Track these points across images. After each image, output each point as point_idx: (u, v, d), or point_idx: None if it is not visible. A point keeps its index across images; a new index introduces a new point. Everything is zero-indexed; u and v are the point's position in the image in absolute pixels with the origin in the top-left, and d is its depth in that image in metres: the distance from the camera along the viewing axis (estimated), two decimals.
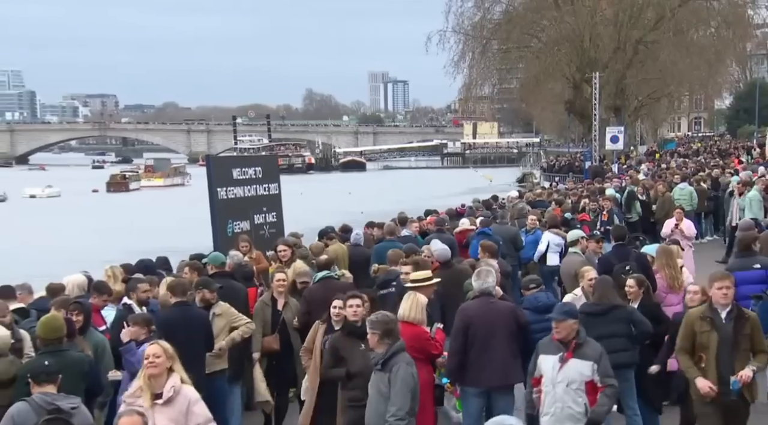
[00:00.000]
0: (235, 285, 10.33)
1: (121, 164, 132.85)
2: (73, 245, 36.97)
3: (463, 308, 8.06)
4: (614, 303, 8.16)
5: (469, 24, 49.74)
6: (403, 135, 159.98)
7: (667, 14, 47.99)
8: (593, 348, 6.98)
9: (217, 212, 13.10)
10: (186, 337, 8.35)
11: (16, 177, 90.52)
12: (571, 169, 48.26)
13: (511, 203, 19.38)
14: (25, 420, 5.86)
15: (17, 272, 18.42)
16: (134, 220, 49.43)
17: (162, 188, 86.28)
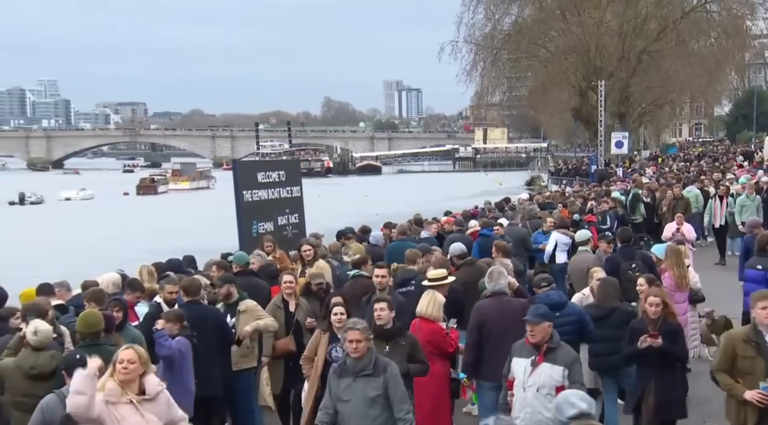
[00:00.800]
0: (259, 283, 10.34)
1: (150, 168, 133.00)
2: (106, 245, 37.10)
3: (478, 307, 8.04)
4: (614, 306, 8.13)
5: (480, 35, 49.84)
6: (417, 140, 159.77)
7: (669, 25, 47.94)
8: (566, 352, 6.61)
9: (242, 213, 13.11)
10: (201, 336, 8.35)
11: (52, 181, 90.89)
12: (577, 172, 48.25)
13: (522, 205, 19.32)
14: (53, 412, 5.86)
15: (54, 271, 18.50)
16: (162, 221, 49.61)
17: (188, 191, 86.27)
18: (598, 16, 47.21)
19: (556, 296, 8.13)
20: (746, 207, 18.35)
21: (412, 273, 10.14)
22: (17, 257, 32.86)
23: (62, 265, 25.46)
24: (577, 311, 8.14)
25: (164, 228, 44.42)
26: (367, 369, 6.39)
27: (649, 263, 10.07)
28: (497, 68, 50.78)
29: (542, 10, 50.39)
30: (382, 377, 6.40)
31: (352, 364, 6.43)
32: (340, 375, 6.51)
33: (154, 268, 11.07)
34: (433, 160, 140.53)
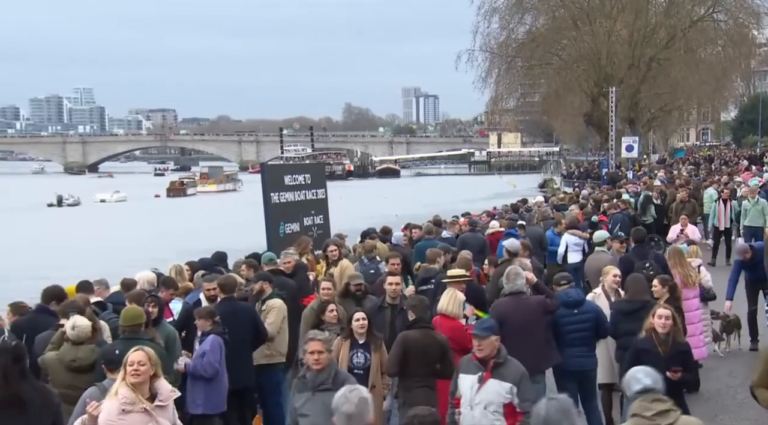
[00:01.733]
0: (287, 281, 10.36)
1: (180, 171, 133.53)
2: (140, 245, 37.30)
3: (496, 305, 8.03)
4: (645, 300, 8.09)
5: (495, 43, 49.67)
6: (434, 145, 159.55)
7: (678, 34, 47.74)
8: (514, 369, 6.13)
9: (270, 214, 13.11)
10: (236, 330, 8.38)
11: (87, 184, 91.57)
12: (589, 175, 48.06)
13: (539, 207, 19.27)
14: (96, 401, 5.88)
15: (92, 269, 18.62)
16: (192, 222, 49.78)
17: (215, 193, 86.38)
18: (608, 25, 47.00)
19: (575, 294, 8.10)
20: (749, 211, 18.16)
21: (432, 272, 10.15)
22: (57, 257, 33.13)
23: (99, 264, 25.64)
24: (595, 309, 8.12)
25: (194, 229, 44.61)
26: (327, 383, 5.92)
27: (662, 263, 10.00)
28: (511, 75, 50.76)
29: (555, 19, 50.16)
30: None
31: (311, 378, 6.00)
32: (300, 389, 6.10)
33: (189, 267, 11.16)
34: (449, 163, 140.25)
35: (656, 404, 4.66)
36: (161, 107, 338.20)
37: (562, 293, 8.08)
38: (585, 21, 47.81)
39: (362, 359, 7.35)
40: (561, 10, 49.70)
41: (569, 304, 7.92)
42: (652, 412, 4.61)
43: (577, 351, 7.89)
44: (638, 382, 4.74)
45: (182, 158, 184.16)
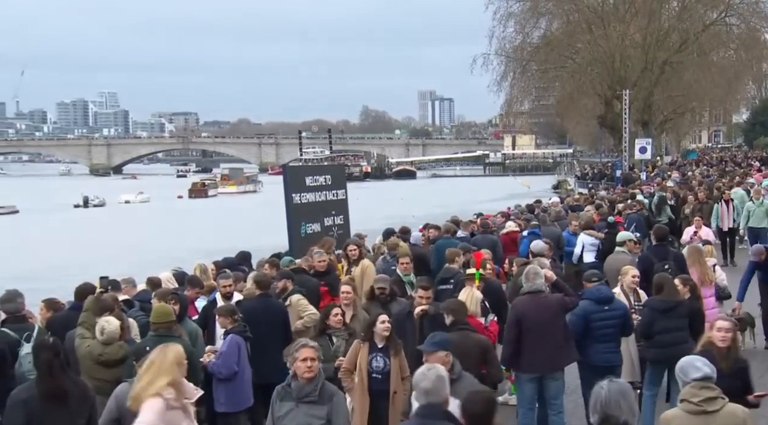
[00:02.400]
0: (308, 280, 10.37)
1: (201, 173, 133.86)
2: (163, 244, 37.44)
3: (516, 303, 7.99)
4: (679, 299, 8.12)
5: (510, 47, 49.60)
6: (449, 147, 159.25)
7: (691, 38, 47.60)
8: (469, 384, 5.66)
9: (291, 214, 13.08)
10: (267, 326, 8.45)
11: (112, 185, 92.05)
12: (603, 177, 47.84)
13: (555, 208, 19.18)
14: (125, 399, 5.86)
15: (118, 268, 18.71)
16: (213, 222, 49.92)
17: (236, 194, 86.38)
18: (622, 29, 46.74)
19: (606, 291, 8.06)
20: (753, 212, 17.93)
21: (452, 271, 10.11)
22: (83, 256, 33.28)
23: (124, 263, 25.77)
24: (623, 307, 8.09)
25: (215, 229, 44.69)
26: (312, 395, 5.56)
27: (681, 262, 9.91)
28: (526, 79, 50.60)
29: (569, 23, 50.08)
30: (326, 405, 5.57)
31: (297, 388, 5.59)
32: (283, 397, 5.67)
33: (214, 266, 11.20)
34: (464, 165, 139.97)
35: (705, 391, 4.78)
36: (183, 110, 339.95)
37: (594, 290, 8.04)
38: (599, 25, 47.68)
39: (381, 363, 7.13)
40: (575, 14, 49.63)
41: (601, 300, 7.88)
42: (699, 398, 4.75)
43: (605, 347, 7.85)
44: (698, 370, 4.84)
45: (203, 160, 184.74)
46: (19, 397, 5.66)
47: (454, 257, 10.45)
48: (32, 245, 38.89)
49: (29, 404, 5.59)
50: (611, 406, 4.29)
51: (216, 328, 8.46)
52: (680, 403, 4.87)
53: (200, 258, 12.54)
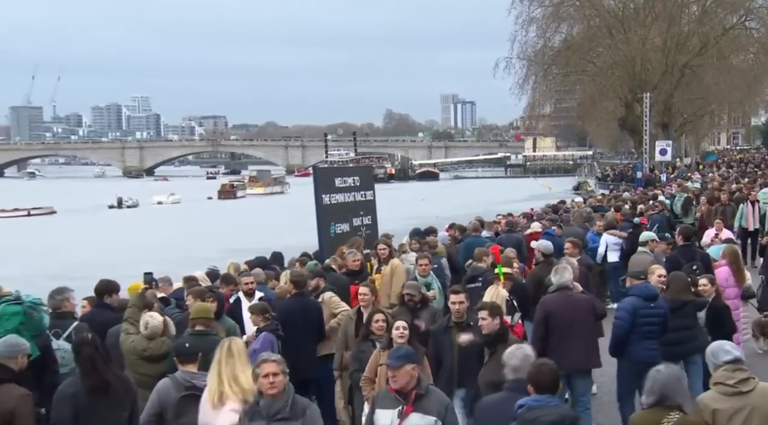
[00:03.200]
0: (339, 278, 10.36)
1: (230, 175, 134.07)
2: (195, 244, 37.60)
3: (544, 301, 7.93)
4: (687, 298, 8.03)
5: (532, 51, 49.33)
6: (471, 149, 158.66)
7: (711, 41, 47.07)
8: (437, 399, 5.42)
9: (321, 215, 13.08)
10: (303, 324, 8.47)
11: (144, 187, 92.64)
12: (623, 178, 47.54)
13: (579, 208, 19.05)
14: (167, 394, 5.92)
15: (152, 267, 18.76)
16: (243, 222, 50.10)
17: (263, 195, 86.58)
18: (643, 33, 46.45)
19: (653, 288, 7.96)
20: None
21: (480, 270, 10.05)
22: (119, 255, 33.50)
23: (158, 262, 25.88)
24: (665, 306, 7.97)
25: (244, 229, 44.85)
26: (283, 412, 5.09)
27: (707, 263, 9.79)
28: (548, 82, 50.37)
29: (590, 28, 49.74)
30: (300, 421, 5.12)
31: (266, 405, 5.10)
32: (252, 417, 5.16)
33: (247, 265, 11.23)
34: (486, 167, 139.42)
35: (738, 373, 4.95)
36: (213, 114, 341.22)
37: (642, 286, 7.92)
38: (620, 29, 47.34)
39: None
40: (596, 19, 49.27)
41: (648, 297, 7.79)
42: (734, 380, 4.92)
43: (648, 344, 7.71)
44: (728, 353, 5.02)
45: (232, 162, 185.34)
46: (66, 392, 5.71)
47: (482, 256, 10.39)
48: (69, 244, 39.27)
49: (76, 398, 5.64)
50: (670, 388, 4.63)
51: (244, 325, 8.47)
52: (714, 386, 5.00)
53: (231, 258, 12.57)
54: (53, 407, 5.74)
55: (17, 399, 5.40)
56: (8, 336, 5.95)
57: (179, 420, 5.84)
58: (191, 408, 5.80)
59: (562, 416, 4.71)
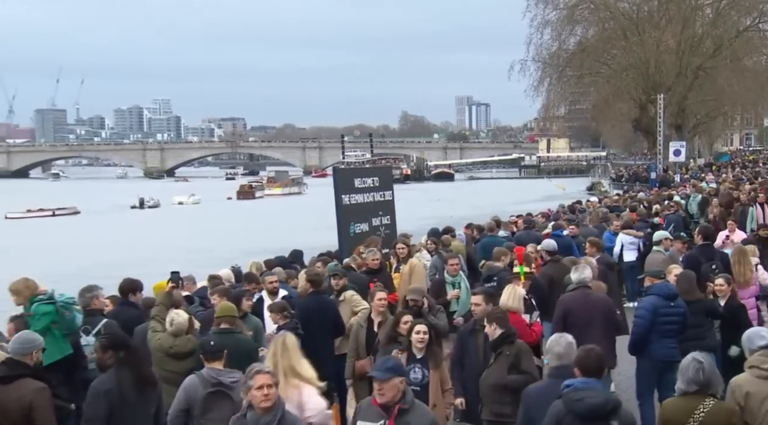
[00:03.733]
0: (359, 277, 10.35)
1: (249, 175, 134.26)
2: (216, 243, 37.64)
3: (563, 299, 7.91)
4: (697, 297, 7.97)
5: (547, 54, 49.23)
6: (486, 150, 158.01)
7: (724, 44, 46.83)
8: (422, 414, 5.13)
9: (341, 215, 13.07)
10: (320, 322, 8.45)
11: (165, 188, 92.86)
12: (637, 178, 47.23)
13: (594, 208, 18.97)
14: (194, 390, 5.96)
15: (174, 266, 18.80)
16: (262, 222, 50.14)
17: (281, 196, 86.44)
18: (657, 35, 46.30)
19: (672, 287, 7.93)
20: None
21: (496, 270, 10.01)
22: (142, 254, 33.63)
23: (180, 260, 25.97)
24: (685, 305, 7.93)
25: (264, 229, 44.87)
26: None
27: (726, 262, 9.69)
28: (562, 84, 50.29)
29: (605, 30, 49.60)
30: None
31: (253, 419, 4.86)
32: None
33: (266, 265, 11.24)
34: (500, 167, 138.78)
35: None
36: (232, 116, 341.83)
37: (662, 285, 7.92)
38: (634, 32, 47.13)
39: (420, 375, 6.63)
40: (611, 21, 49.11)
41: (668, 296, 7.77)
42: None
43: (668, 342, 7.71)
44: (763, 339, 5.21)
45: (251, 163, 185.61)
46: (100, 388, 5.77)
47: (500, 255, 10.37)
48: (93, 243, 39.47)
49: (110, 395, 5.71)
50: (712, 377, 4.83)
51: (266, 324, 8.48)
52: (748, 369, 5.15)
53: (250, 257, 12.60)
54: (88, 403, 5.80)
55: (34, 392, 5.50)
56: (23, 333, 6.02)
57: (205, 416, 5.87)
58: (217, 405, 5.85)
59: (606, 399, 4.84)
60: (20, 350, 5.71)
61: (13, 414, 5.39)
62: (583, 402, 4.74)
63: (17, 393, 5.47)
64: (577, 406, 4.75)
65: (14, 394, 5.46)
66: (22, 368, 5.63)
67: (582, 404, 4.73)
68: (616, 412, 4.78)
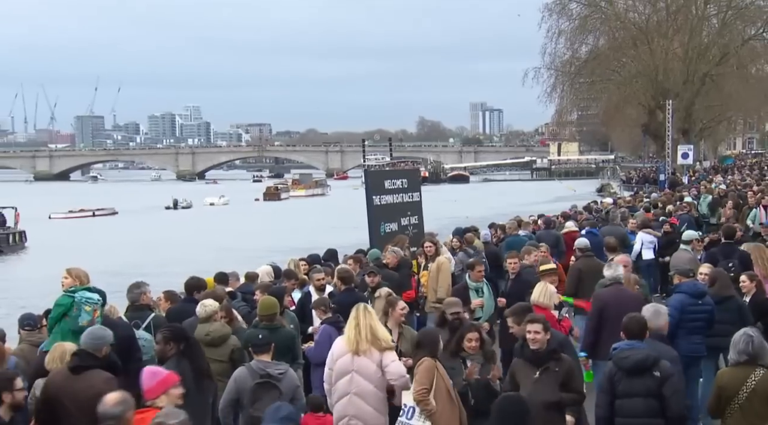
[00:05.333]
0: (392, 274, 10.33)
1: (274, 178, 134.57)
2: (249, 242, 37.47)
3: (597, 295, 7.88)
4: (730, 294, 7.88)
5: (560, 62, 49.00)
6: (499, 153, 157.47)
7: (730, 52, 46.63)
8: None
9: (372, 215, 13.06)
10: None
11: (197, 189, 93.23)
12: (646, 180, 47.00)
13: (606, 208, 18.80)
14: (243, 381, 6.01)
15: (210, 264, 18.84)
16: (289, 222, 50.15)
17: (305, 197, 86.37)
18: (665, 44, 46.01)
19: (702, 286, 7.87)
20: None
21: (524, 267, 9.90)
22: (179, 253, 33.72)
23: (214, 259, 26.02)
24: (712, 303, 7.83)
25: (293, 228, 44.78)
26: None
27: (745, 261, 9.55)
28: (575, 91, 50.08)
29: (615, 40, 49.32)
30: None
31: None
32: None
33: (304, 262, 11.24)
34: (513, 170, 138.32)
35: None
36: (258, 121, 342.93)
37: (690, 284, 7.86)
38: (643, 41, 46.82)
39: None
40: (621, 31, 48.84)
41: (696, 294, 7.70)
42: None
43: (694, 339, 7.66)
44: None
45: (276, 167, 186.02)
46: None
47: (526, 254, 10.27)
48: (132, 242, 39.65)
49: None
50: (762, 349, 5.16)
51: (313, 318, 8.47)
52: None
53: (281, 254, 12.61)
54: None
55: (104, 382, 5.52)
56: (94, 328, 6.03)
57: (254, 405, 5.93)
58: (265, 396, 5.89)
59: (647, 355, 5.57)
60: (92, 345, 5.76)
61: (83, 403, 5.42)
62: (628, 359, 5.51)
63: (87, 383, 5.52)
64: (624, 363, 5.53)
65: (85, 384, 5.51)
66: (92, 359, 5.68)
67: (627, 361, 5.51)
68: (657, 364, 5.50)
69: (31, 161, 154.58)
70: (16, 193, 67.65)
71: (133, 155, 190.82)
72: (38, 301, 18.16)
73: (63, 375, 5.62)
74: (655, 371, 5.45)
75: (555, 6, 47.69)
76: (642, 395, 5.40)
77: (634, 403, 5.42)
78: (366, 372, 6.09)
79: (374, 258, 10.76)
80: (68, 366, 5.65)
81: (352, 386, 6.09)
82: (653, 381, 5.42)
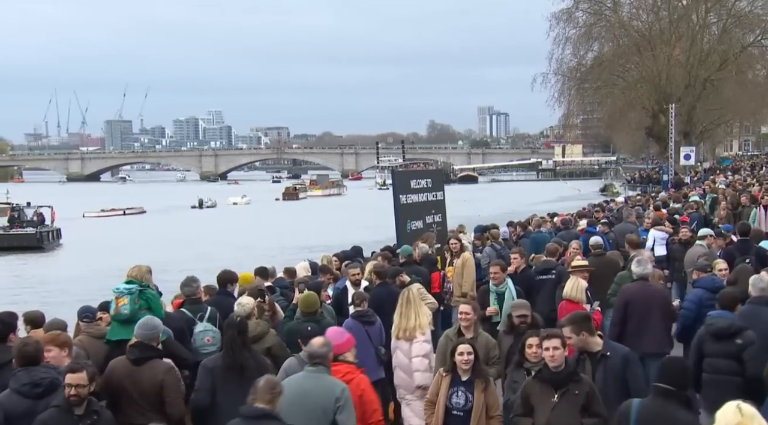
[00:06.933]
0: (421, 270, 10.30)
1: (292, 179, 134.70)
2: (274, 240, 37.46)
3: (624, 289, 7.82)
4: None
5: (567, 68, 48.93)
6: (506, 155, 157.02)
7: (730, 58, 46.43)
8: None
9: (399, 213, 12.99)
10: (390, 310, 8.33)
11: (220, 190, 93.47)
12: (650, 180, 46.83)
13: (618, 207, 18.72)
14: (293, 372, 5.97)
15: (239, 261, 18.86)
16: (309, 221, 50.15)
17: (322, 197, 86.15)
18: (668, 51, 45.80)
19: (720, 281, 7.79)
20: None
21: (552, 264, 9.87)
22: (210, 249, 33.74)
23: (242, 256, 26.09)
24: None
25: (314, 227, 44.62)
26: None
27: (762, 258, 9.46)
28: (581, 95, 50.03)
29: (620, 46, 49.18)
30: None
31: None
32: None
33: (336, 258, 11.25)
34: (519, 171, 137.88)
35: None
36: (277, 125, 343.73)
37: (708, 279, 7.79)
38: (647, 47, 46.64)
39: (462, 399, 5.62)
40: (625, 38, 48.70)
41: (714, 289, 7.61)
42: None
43: None
44: None
45: (294, 168, 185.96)
46: (207, 365, 5.92)
47: (554, 250, 10.25)
48: (161, 240, 39.80)
49: (214, 372, 5.81)
50: None
51: (349, 312, 8.45)
52: None
53: (308, 251, 12.62)
54: (198, 375, 5.93)
55: (164, 371, 5.64)
56: (144, 319, 5.94)
57: None
58: None
59: (731, 323, 6.21)
60: (148, 336, 5.78)
61: (147, 392, 5.48)
62: (714, 325, 6.21)
63: (150, 372, 5.57)
64: (711, 329, 6.21)
65: (147, 374, 5.56)
66: (151, 350, 5.72)
67: (713, 327, 6.20)
68: (739, 333, 6.08)
69: (64, 163, 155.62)
70: (51, 193, 67.97)
71: (160, 157, 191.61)
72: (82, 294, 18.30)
73: (124, 365, 5.65)
74: (738, 339, 6.03)
75: (562, 14, 47.70)
76: (724, 356, 6.06)
77: (717, 362, 6.11)
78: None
79: (407, 254, 10.72)
80: (128, 357, 5.68)
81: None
82: (735, 346, 6.01)
